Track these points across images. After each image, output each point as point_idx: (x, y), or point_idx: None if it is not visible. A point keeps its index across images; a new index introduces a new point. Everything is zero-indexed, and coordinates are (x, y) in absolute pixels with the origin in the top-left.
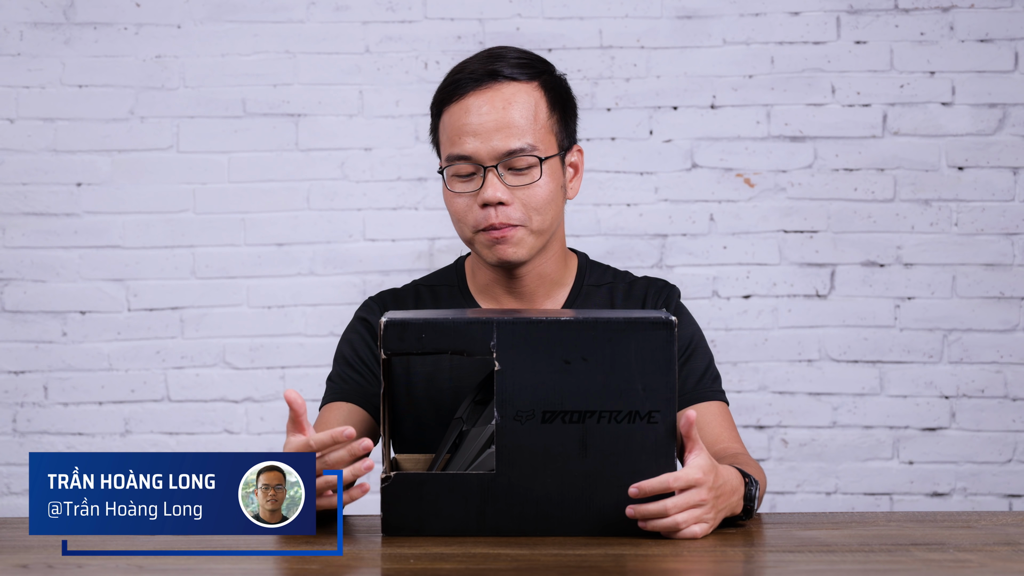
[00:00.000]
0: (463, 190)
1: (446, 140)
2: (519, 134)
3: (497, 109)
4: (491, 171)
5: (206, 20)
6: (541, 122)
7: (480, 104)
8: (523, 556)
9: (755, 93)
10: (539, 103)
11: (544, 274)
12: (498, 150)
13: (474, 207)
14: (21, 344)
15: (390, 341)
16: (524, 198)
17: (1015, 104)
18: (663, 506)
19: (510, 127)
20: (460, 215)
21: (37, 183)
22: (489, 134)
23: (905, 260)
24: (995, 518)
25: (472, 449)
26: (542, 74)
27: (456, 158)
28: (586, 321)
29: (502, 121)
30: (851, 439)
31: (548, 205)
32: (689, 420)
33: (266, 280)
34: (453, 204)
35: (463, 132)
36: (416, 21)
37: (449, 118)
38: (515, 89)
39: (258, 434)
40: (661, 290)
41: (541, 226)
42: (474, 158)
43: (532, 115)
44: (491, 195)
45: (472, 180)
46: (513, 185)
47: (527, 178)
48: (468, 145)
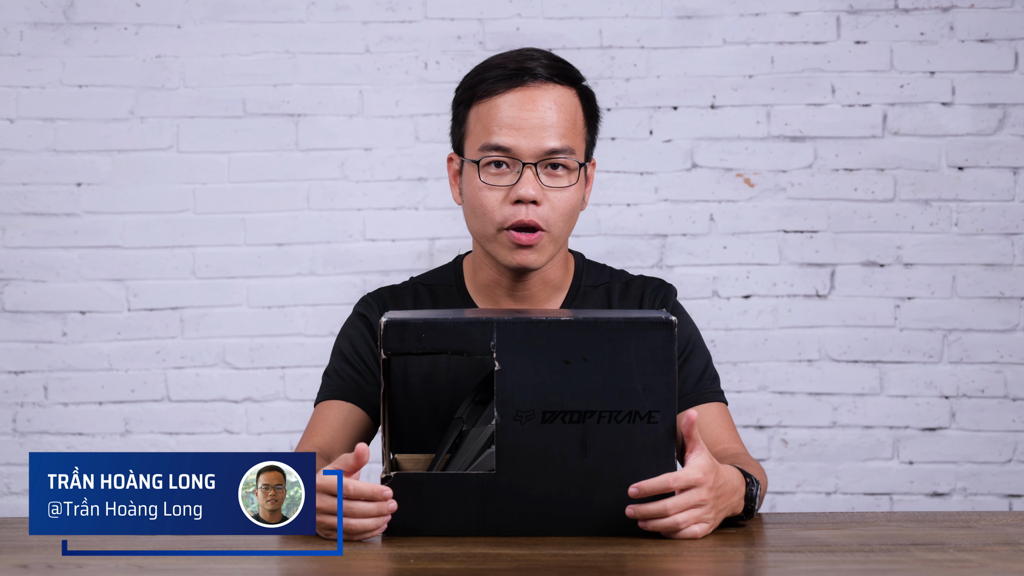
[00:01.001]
0: (496, 183)
1: (480, 130)
2: (560, 135)
3: (543, 107)
4: (529, 167)
5: (206, 20)
6: (578, 129)
7: (524, 100)
8: (523, 556)
9: (755, 93)
10: (577, 110)
11: (547, 279)
12: (540, 148)
13: (504, 203)
14: (21, 344)
15: (390, 341)
16: (554, 200)
17: (1015, 104)
18: (663, 506)
19: (555, 127)
20: (487, 208)
21: (37, 183)
22: (532, 130)
23: (905, 260)
24: (995, 518)
25: (472, 449)
26: (580, 82)
27: (493, 148)
28: (586, 321)
29: (548, 120)
30: (851, 439)
31: (573, 212)
32: (691, 420)
33: (266, 280)
34: (480, 196)
35: (504, 124)
36: (416, 21)
37: (487, 109)
38: (559, 93)
39: (258, 434)
40: (658, 289)
41: (561, 234)
42: (513, 152)
43: (573, 120)
44: (527, 192)
45: (505, 175)
46: (548, 186)
47: (562, 180)
48: (508, 138)
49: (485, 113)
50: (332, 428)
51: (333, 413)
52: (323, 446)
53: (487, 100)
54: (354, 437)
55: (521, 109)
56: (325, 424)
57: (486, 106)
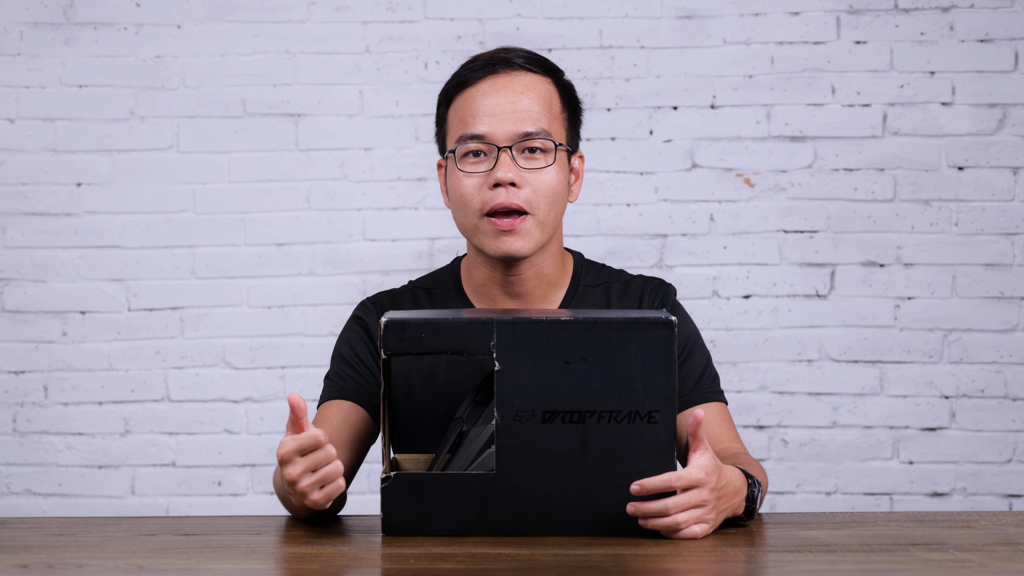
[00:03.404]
0: (473, 170)
1: (457, 123)
2: (534, 119)
3: (515, 92)
4: (504, 151)
5: (206, 20)
6: (555, 113)
7: (497, 88)
8: (523, 556)
9: (755, 93)
10: (553, 96)
11: (542, 274)
12: (514, 131)
13: (483, 188)
14: (21, 344)
15: (390, 341)
16: (534, 182)
17: (1015, 104)
18: (664, 505)
19: (527, 111)
20: (467, 197)
21: (37, 183)
22: (505, 115)
23: (905, 260)
24: (995, 518)
25: (472, 449)
26: (555, 72)
27: (469, 138)
28: (586, 321)
29: (519, 104)
30: (851, 439)
31: (556, 195)
32: (697, 420)
33: (266, 280)
34: (460, 185)
35: (478, 113)
36: (416, 21)
37: (462, 102)
38: (532, 79)
39: (258, 434)
40: (657, 289)
41: (547, 217)
42: (488, 138)
43: (547, 104)
44: (503, 175)
45: (482, 162)
46: (525, 168)
47: (539, 162)
48: (482, 126)
49: (461, 106)
50: (332, 426)
51: (333, 412)
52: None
53: (463, 92)
54: (354, 434)
55: (495, 96)
56: (325, 423)
57: (462, 99)
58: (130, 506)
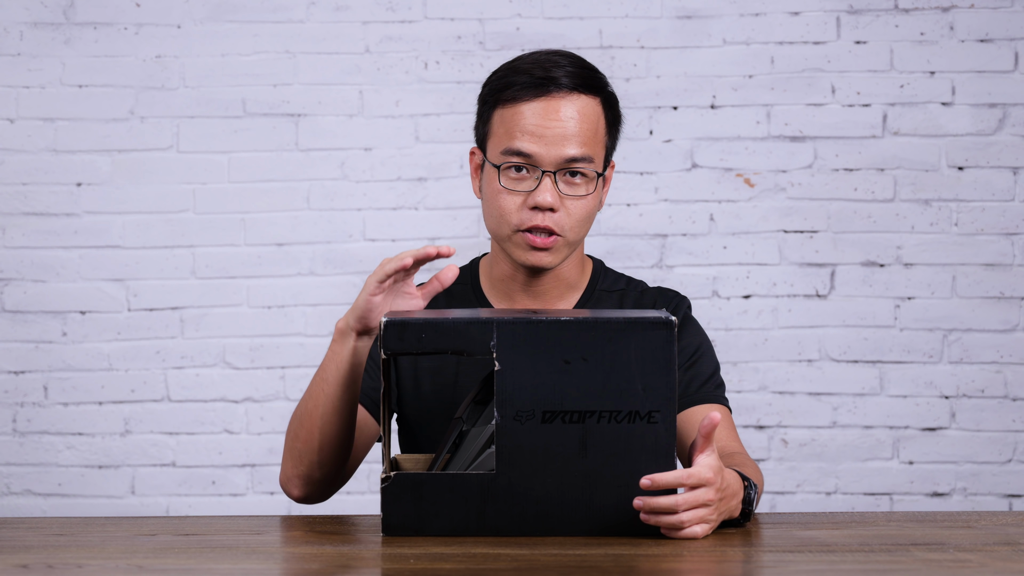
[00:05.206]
0: (514, 187)
1: (503, 133)
2: (581, 144)
3: (567, 117)
4: (548, 176)
5: (206, 20)
6: (600, 138)
7: (547, 111)
8: (523, 556)
9: (755, 93)
10: (599, 118)
11: (561, 277)
12: (560, 156)
13: (522, 207)
14: (21, 344)
15: (390, 341)
16: (571, 208)
17: (1015, 104)
18: (674, 501)
19: (576, 137)
20: (504, 211)
21: (37, 183)
22: (555, 139)
23: (905, 260)
24: (995, 518)
25: (472, 449)
26: (604, 89)
27: (515, 153)
28: (586, 321)
29: (569, 130)
30: (851, 439)
31: (589, 219)
32: (713, 422)
33: (266, 280)
34: (499, 199)
35: (527, 131)
36: (416, 21)
37: (510, 113)
38: (582, 103)
39: (258, 434)
40: (671, 300)
41: (576, 238)
42: (534, 158)
43: (595, 130)
44: (544, 200)
45: (524, 180)
46: (566, 194)
47: (580, 189)
48: (530, 144)
49: (509, 118)
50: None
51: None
52: None
53: (511, 106)
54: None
55: (544, 118)
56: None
57: (510, 111)
58: (130, 506)
